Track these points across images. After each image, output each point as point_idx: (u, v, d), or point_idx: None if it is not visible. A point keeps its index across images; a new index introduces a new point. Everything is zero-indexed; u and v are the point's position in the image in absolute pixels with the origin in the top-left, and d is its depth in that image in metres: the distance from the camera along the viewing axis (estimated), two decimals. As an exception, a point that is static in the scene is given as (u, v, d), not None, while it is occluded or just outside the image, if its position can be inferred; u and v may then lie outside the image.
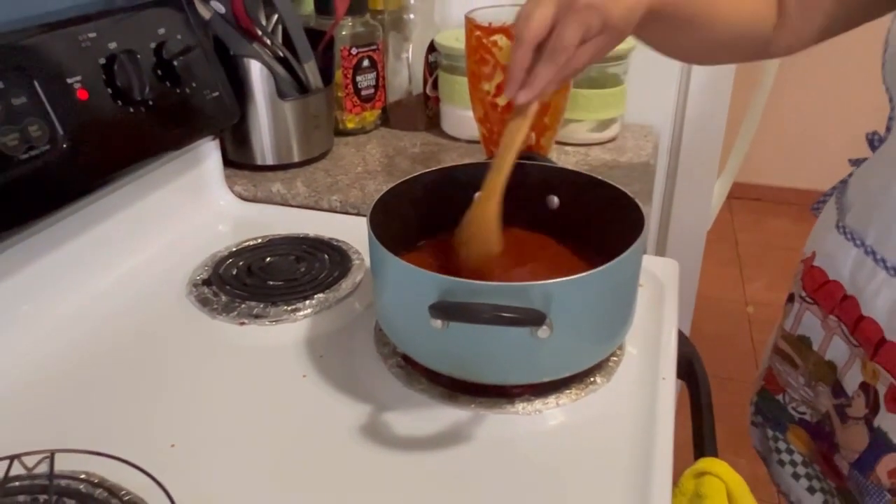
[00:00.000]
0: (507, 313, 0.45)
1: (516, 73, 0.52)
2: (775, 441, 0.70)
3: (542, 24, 0.50)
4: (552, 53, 0.51)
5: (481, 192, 0.57)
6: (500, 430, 0.52)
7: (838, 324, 0.59)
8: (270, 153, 0.90)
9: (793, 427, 0.67)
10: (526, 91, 0.53)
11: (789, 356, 0.66)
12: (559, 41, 0.50)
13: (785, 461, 0.68)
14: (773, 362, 0.70)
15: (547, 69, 0.51)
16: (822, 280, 0.61)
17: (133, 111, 0.68)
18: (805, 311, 0.64)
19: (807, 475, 0.66)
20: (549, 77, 0.52)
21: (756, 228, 2.82)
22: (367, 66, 1.00)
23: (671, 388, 0.56)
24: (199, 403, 0.55)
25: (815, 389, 0.63)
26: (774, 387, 0.70)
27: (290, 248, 0.75)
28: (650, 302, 0.66)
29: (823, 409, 0.63)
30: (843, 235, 0.60)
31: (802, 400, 0.66)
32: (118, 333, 0.63)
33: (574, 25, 0.49)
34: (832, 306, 0.60)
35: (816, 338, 0.62)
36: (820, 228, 0.65)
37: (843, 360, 0.59)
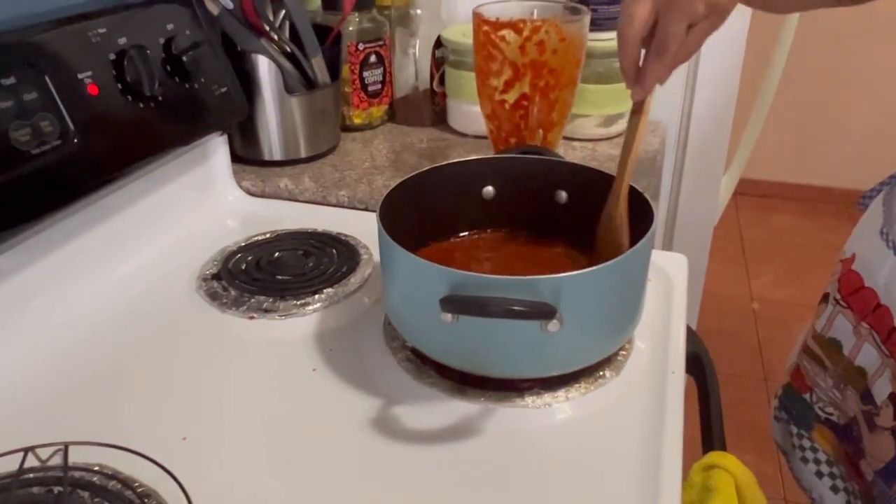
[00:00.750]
0: (517, 307, 0.45)
1: (629, 71, 0.53)
2: (799, 438, 0.69)
3: (643, 20, 0.50)
4: (659, 48, 0.51)
5: (611, 192, 0.59)
6: (510, 423, 0.52)
7: (870, 332, 0.59)
8: (278, 148, 0.91)
9: (819, 426, 0.67)
10: (639, 88, 0.53)
11: (818, 357, 0.66)
12: (664, 37, 0.50)
13: (808, 459, 0.68)
14: (802, 360, 0.69)
15: (657, 65, 0.52)
16: (858, 285, 0.61)
17: (143, 106, 0.68)
18: (838, 314, 0.63)
19: (830, 475, 0.66)
20: (660, 72, 0.52)
21: (761, 224, 2.81)
22: (374, 62, 1.00)
23: (680, 382, 0.56)
24: (210, 397, 0.56)
25: (843, 393, 0.63)
26: (801, 385, 0.69)
27: (299, 242, 0.75)
28: (659, 297, 0.66)
29: (851, 413, 0.62)
30: (885, 243, 0.58)
31: (830, 401, 0.65)
32: (128, 328, 0.64)
33: (679, 17, 0.49)
34: (865, 313, 0.59)
35: (847, 343, 0.62)
36: (863, 230, 0.64)
37: (873, 368, 0.59)
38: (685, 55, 0.52)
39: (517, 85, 0.74)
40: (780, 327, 2.18)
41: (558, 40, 0.72)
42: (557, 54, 0.73)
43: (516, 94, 0.75)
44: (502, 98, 0.76)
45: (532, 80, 0.74)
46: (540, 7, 0.79)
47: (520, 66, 0.73)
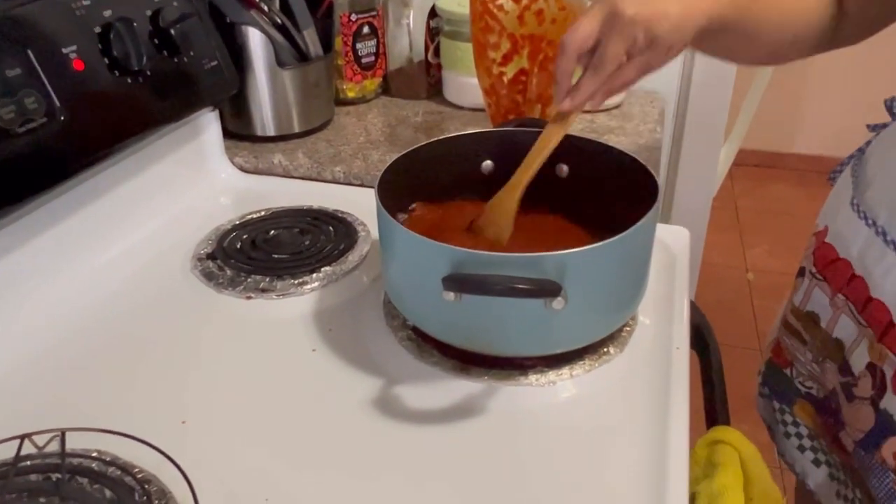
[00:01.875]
0: (522, 285, 0.45)
1: (561, 81, 0.54)
2: (782, 413, 0.69)
3: (586, 35, 0.51)
4: (595, 66, 0.52)
5: (507, 184, 0.59)
6: (514, 402, 0.52)
7: (846, 303, 0.58)
8: (271, 124, 0.89)
9: (799, 401, 0.67)
10: (569, 100, 0.54)
11: (797, 331, 0.66)
12: (601, 55, 0.51)
13: (791, 433, 0.68)
14: (782, 336, 0.69)
15: (590, 81, 0.53)
16: (832, 257, 0.60)
17: (130, 81, 0.66)
18: (814, 287, 0.63)
19: (812, 448, 0.66)
20: (592, 89, 0.53)
21: (756, 194, 2.80)
22: (367, 33, 0.98)
23: (685, 358, 0.55)
24: (209, 379, 0.55)
25: (822, 366, 0.63)
26: (782, 360, 0.69)
27: (294, 220, 0.74)
28: (661, 271, 0.66)
29: (830, 386, 0.62)
30: (856, 213, 0.58)
31: (809, 375, 0.65)
32: (123, 310, 0.62)
33: (617, 39, 0.50)
34: (840, 285, 0.59)
35: (824, 315, 0.61)
36: (833, 202, 0.64)
37: (850, 339, 0.58)
38: (620, 82, 0.53)
39: (516, 58, 0.72)
40: (774, 297, 2.18)
41: (557, 9, 0.71)
42: (557, 24, 0.71)
43: (515, 68, 0.73)
44: (500, 71, 0.74)
45: (531, 52, 0.72)
46: (538, -25, 0.76)
47: (518, 38, 0.71)
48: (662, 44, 0.50)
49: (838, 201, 0.62)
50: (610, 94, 0.55)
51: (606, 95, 0.55)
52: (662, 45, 0.50)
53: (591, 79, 0.52)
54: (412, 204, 0.63)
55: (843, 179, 0.65)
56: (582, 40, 0.51)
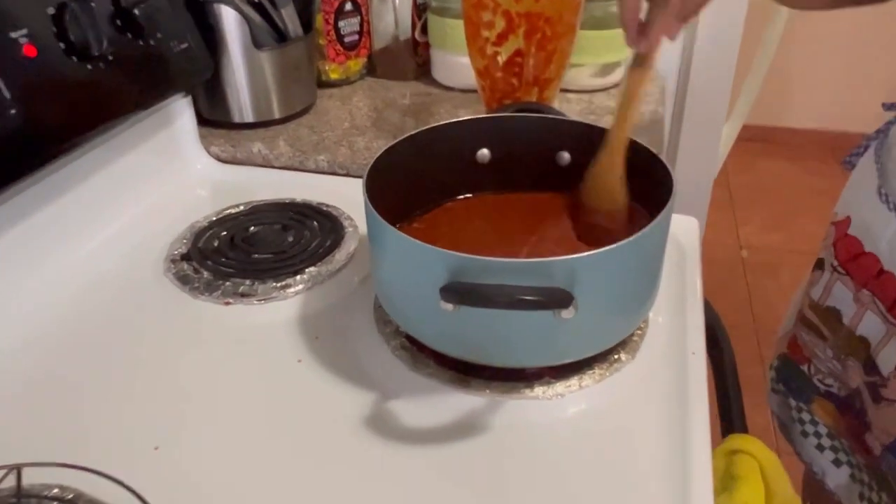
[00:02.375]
0: (529, 296, 0.40)
1: (630, 21, 0.49)
2: (798, 411, 0.66)
3: None
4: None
5: (605, 147, 0.54)
6: (519, 416, 0.48)
7: (872, 299, 0.55)
8: (249, 110, 0.83)
9: (818, 399, 0.64)
10: (644, 40, 0.49)
11: (816, 327, 0.62)
12: None
13: (809, 432, 0.64)
14: (799, 331, 0.65)
15: (662, 13, 0.47)
16: (857, 251, 0.56)
17: (91, 68, 0.60)
18: (836, 281, 0.59)
19: (832, 448, 0.63)
20: (666, 22, 0.48)
21: (749, 170, 2.77)
22: (349, 10, 0.92)
23: (702, 364, 0.51)
24: (184, 398, 0.50)
25: (844, 364, 0.59)
26: (799, 356, 0.65)
27: (276, 215, 0.68)
28: (671, 265, 0.61)
29: (854, 385, 0.59)
30: (886, 205, 0.54)
31: (830, 373, 0.62)
32: (88, 321, 0.57)
33: None
34: (866, 280, 0.55)
35: (847, 311, 0.58)
36: (856, 190, 0.60)
37: (877, 338, 0.55)
38: (692, 7, 0.47)
39: (511, 38, 0.67)
40: (768, 275, 2.17)
41: (555, -18, 0.65)
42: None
43: (511, 49, 0.68)
44: (495, 52, 0.68)
45: (527, 31, 0.66)
46: (534, -55, 0.71)
47: (514, 16, 0.66)
48: None
49: (861, 190, 0.58)
50: (687, 21, 0.49)
51: (683, 24, 0.49)
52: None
53: (661, 11, 0.47)
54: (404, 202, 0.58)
55: (864, 165, 0.60)
56: None
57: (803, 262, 0.64)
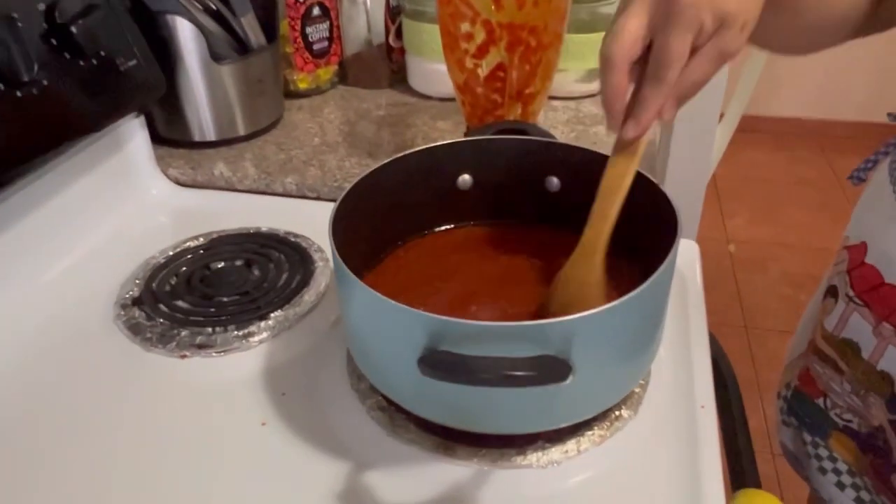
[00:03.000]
0: (521, 371, 0.34)
1: (614, 103, 0.41)
2: (815, 447, 0.61)
3: (634, 38, 0.39)
4: (657, 71, 0.39)
5: (578, 248, 0.46)
6: (511, 489, 0.42)
7: (894, 333, 0.50)
8: (210, 127, 0.77)
9: (836, 434, 0.59)
10: (633, 124, 0.41)
11: (832, 359, 0.57)
12: (661, 56, 0.38)
13: (827, 469, 0.60)
14: (812, 363, 0.60)
15: (655, 92, 0.40)
16: (877, 281, 0.52)
17: (22, 95, 0.53)
18: (853, 312, 0.54)
19: (853, 486, 0.58)
20: (659, 102, 0.40)
21: (732, 161, 2.72)
22: (317, 15, 0.86)
23: (712, 418, 0.46)
24: (134, 470, 0.44)
25: (864, 399, 0.55)
26: (813, 389, 0.61)
27: (239, 248, 0.62)
28: (672, 298, 0.56)
29: (876, 423, 0.54)
30: None
31: (848, 408, 0.57)
32: (28, 376, 0.51)
33: (678, 31, 0.37)
34: (888, 313, 0.51)
35: (867, 345, 0.53)
36: (871, 213, 0.55)
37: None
38: (692, 84, 0.40)
39: (492, 50, 0.61)
40: (757, 269, 2.13)
41: (540, -12, 0.59)
42: (540, 6, 0.60)
43: (492, 62, 0.62)
44: (475, 65, 0.62)
45: (509, 43, 0.60)
46: (515, -54, 0.65)
47: (494, 26, 0.60)
48: (735, 21, 0.38)
49: (878, 214, 0.53)
50: (682, 103, 0.42)
51: (679, 104, 0.42)
52: (735, 22, 0.38)
53: (654, 89, 0.40)
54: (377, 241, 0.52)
55: (877, 185, 0.55)
56: (630, 45, 0.39)
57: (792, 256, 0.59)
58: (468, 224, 0.57)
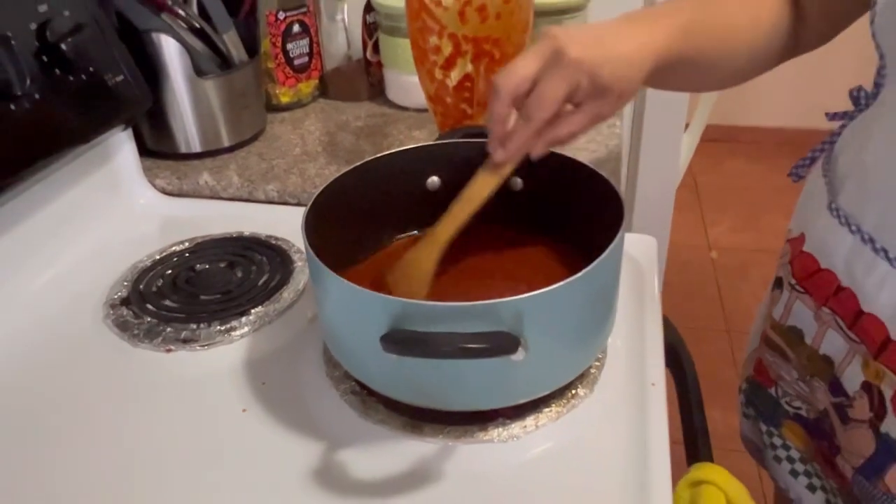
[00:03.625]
0: (473, 344, 0.38)
1: (495, 128, 0.47)
2: (770, 436, 0.64)
3: (523, 76, 0.44)
4: (530, 110, 0.45)
5: (427, 236, 0.52)
6: (474, 462, 0.46)
7: (833, 317, 0.53)
8: (195, 139, 0.80)
9: (788, 422, 0.62)
10: (501, 150, 0.48)
11: (780, 348, 0.61)
12: (537, 96, 0.44)
13: (781, 457, 0.63)
14: (763, 353, 0.64)
15: (525, 128, 0.46)
16: (814, 268, 0.55)
17: (15, 108, 0.57)
18: (795, 300, 0.58)
19: (806, 472, 0.61)
20: (526, 138, 0.46)
21: (714, 170, 2.79)
22: (298, 32, 0.90)
23: (661, 394, 0.50)
24: (122, 456, 0.47)
25: (810, 385, 0.58)
26: (765, 379, 0.64)
27: (223, 252, 0.66)
28: (629, 287, 0.60)
29: (821, 407, 0.57)
30: (837, 219, 0.53)
31: (797, 395, 0.60)
32: (22, 372, 0.54)
33: (557, 81, 0.43)
34: (825, 297, 0.54)
35: (809, 330, 0.57)
36: (808, 206, 0.58)
37: (840, 356, 0.54)
38: (566, 132, 0.46)
39: (459, 61, 0.65)
40: (738, 275, 2.17)
41: (502, 2, 0.63)
42: (502, 18, 0.64)
43: (460, 73, 0.66)
44: (444, 76, 0.66)
45: (475, 55, 0.65)
46: (479, -36, 0.69)
47: (460, 39, 0.64)
48: (609, 90, 0.44)
49: (813, 205, 0.57)
50: (553, 144, 0.48)
51: (548, 145, 0.48)
52: (610, 91, 0.44)
53: (524, 126, 0.46)
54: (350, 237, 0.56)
55: (813, 180, 0.59)
56: (518, 81, 0.44)
57: (773, 262, 0.63)
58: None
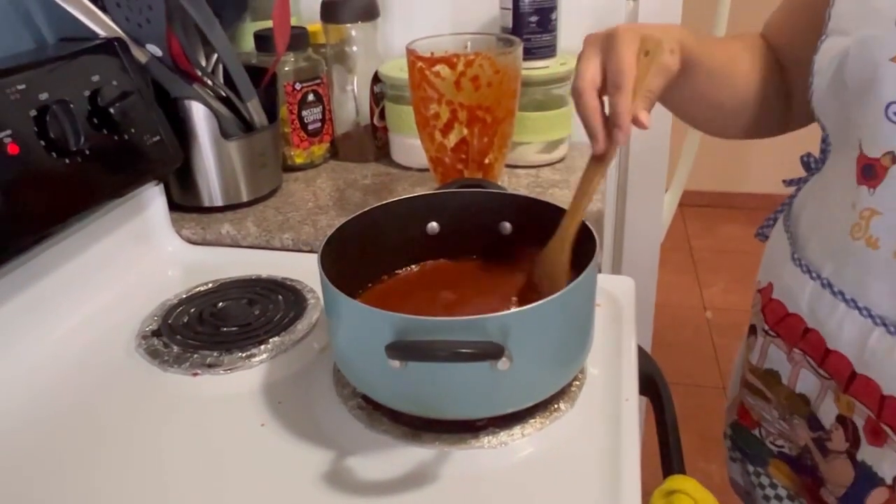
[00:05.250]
0: (464, 349, 0.45)
1: (593, 121, 0.51)
2: (757, 476, 0.68)
3: (594, 69, 0.50)
4: (616, 81, 0.50)
5: (556, 234, 0.58)
6: (466, 466, 0.51)
7: (804, 357, 0.58)
8: (218, 194, 0.89)
9: (773, 461, 0.66)
10: (617, 131, 0.50)
11: (760, 390, 0.65)
12: (617, 66, 0.49)
13: (770, 496, 0.66)
14: (745, 396, 0.68)
15: (623, 98, 0.49)
16: (783, 313, 0.60)
17: (69, 162, 0.65)
18: (769, 344, 0.62)
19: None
20: (628, 106, 0.49)
21: (709, 234, 2.88)
22: (312, 101, 1.00)
23: (634, 409, 0.56)
24: (154, 465, 0.53)
25: (790, 423, 0.62)
26: (749, 421, 0.68)
27: (243, 291, 0.73)
28: (608, 321, 0.67)
29: (802, 443, 0.61)
30: (800, 268, 0.58)
31: (780, 434, 0.64)
32: (63, 395, 0.61)
33: (624, 48, 0.49)
34: (795, 340, 0.59)
35: (784, 371, 0.61)
36: (774, 258, 0.64)
37: (814, 393, 0.58)
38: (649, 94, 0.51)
39: (456, 126, 0.74)
40: (733, 334, 2.23)
41: (492, 72, 0.73)
42: (493, 87, 0.73)
43: (457, 137, 0.75)
44: (442, 139, 0.75)
45: (469, 120, 0.74)
46: (473, 40, 0.79)
47: (456, 106, 0.73)
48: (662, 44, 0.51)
49: (778, 257, 0.63)
50: (649, 108, 0.51)
51: (647, 110, 0.51)
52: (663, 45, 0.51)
53: (621, 96, 0.49)
54: (358, 271, 0.63)
55: (776, 235, 0.66)
56: (592, 76, 0.50)
57: None
58: (437, 261, 0.68)
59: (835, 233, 0.55)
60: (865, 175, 0.50)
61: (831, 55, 0.52)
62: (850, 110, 0.51)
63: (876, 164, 0.49)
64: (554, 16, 0.93)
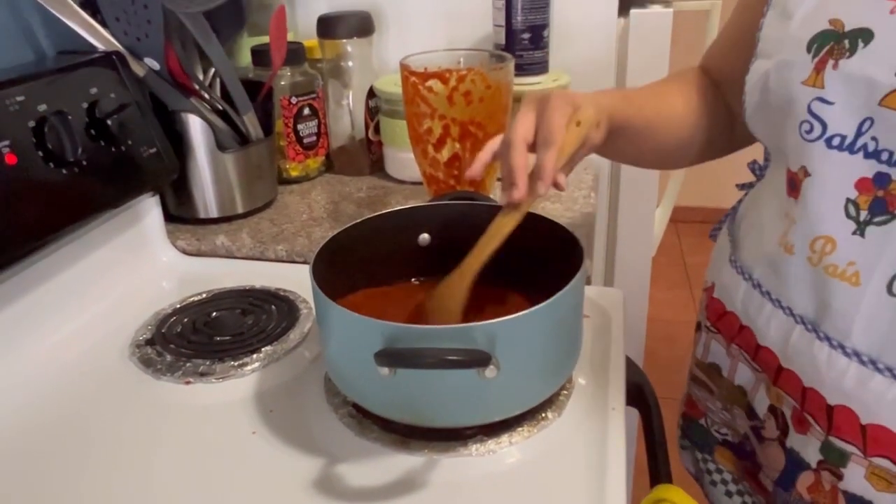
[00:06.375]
0: (452, 356, 0.45)
1: (517, 172, 0.54)
2: (705, 462, 0.71)
3: (527, 125, 0.55)
4: (546, 138, 0.54)
5: (456, 270, 0.59)
6: (455, 473, 0.52)
7: (740, 352, 0.61)
8: (213, 206, 0.90)
9: (718, 448, 0.69)
10: (542, 183, 0.54)
11: (704, 382, 0.68)
12: (548, 126, 0.54)
13: (717, 481, 0.70)
14: (692, 389, 0.72)
15: (548, 155, 0.54)
16: (721, 311, 0.63)
17: (66, 172, 0.66)
18: (711, 339, 0.66)
19: (738, 492, 0.68)
20: (552, 162, 0.54)
21: (703, 250, 2.88)
22: (308, 114, 1.01)
23: (621, 418, 0.56)
24: (145, 473, 0.54)
25: (731, 412, 0.65)
26: (696, 412, 0.71)
27: (236, 301, 0.74)
28: (597, 332, 0.67)
29: (742, 431, 0.64)
30: (735, 269, 0.62)
31: (723, 422, 0.68)
32: (57, 402, 0.61)
33: (554, 110, 0.55)
34: (732, 336, 0.62)
35: (724, 365, 0.64)
36: (716, 259, 0.68)
37: (750, 385, 0.61)
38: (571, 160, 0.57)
39: (448, 142, 0.76)
40: (727, 349, 2.24)
41: (484, 88, 0.74)
42: (485, 102, 0.74)
43: (449, 153, 0.76)
44: (435, 154, 0.77)
45: (461, 136, 0.75)
46: (465, 56, 0.81)
47: (449, 121, 0.74)
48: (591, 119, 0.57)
49: (720, 258, 0.66)
50: (569, 172, 0.57)
51: (567, 172, 0.57)
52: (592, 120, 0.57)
53: (546, 153, 0.54)
54: (350, 281, 0.64)
55: (722, 238, 0.69)
56: (524, 131, 0.55)
57: None
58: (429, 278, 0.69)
59: (766, 238, 0.58)
60: (790, 186, 0.54)
61: (758, 76, 0.56)
62: (776, 128, 0.55)
63: (795, 177, 0.53)
64: (546, 33, 0.94)
